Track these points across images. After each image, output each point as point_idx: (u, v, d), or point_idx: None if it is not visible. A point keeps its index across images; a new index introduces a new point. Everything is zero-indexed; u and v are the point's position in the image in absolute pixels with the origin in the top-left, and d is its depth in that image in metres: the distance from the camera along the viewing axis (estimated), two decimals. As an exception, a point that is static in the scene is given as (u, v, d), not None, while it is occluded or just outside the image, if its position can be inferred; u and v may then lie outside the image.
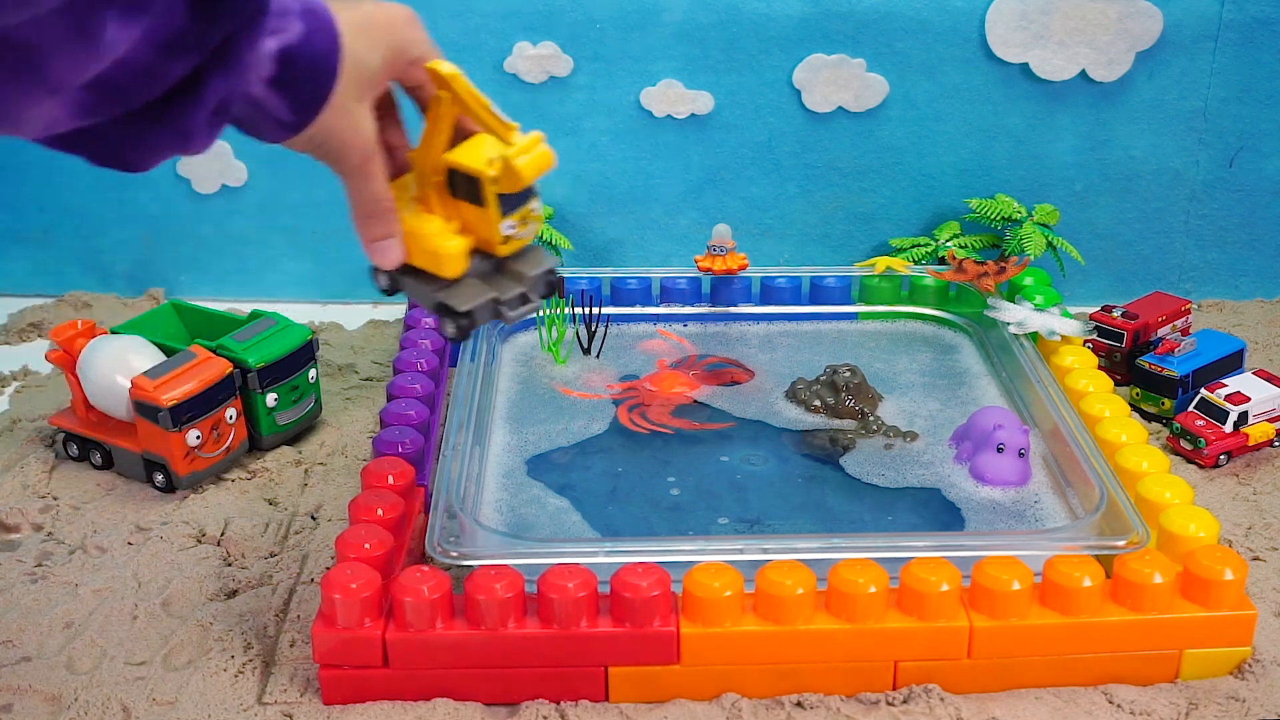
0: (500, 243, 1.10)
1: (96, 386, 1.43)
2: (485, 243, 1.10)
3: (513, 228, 1.10)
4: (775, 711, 1.13)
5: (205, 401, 1.40)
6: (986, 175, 1.82)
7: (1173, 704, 1.13)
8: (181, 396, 1.38)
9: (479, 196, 1.08)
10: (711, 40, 1.76)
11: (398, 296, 1.20)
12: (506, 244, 1.10)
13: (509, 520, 1.31)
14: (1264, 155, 1.80)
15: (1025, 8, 1.72)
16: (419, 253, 1.11)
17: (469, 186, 1.08)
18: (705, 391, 1.56)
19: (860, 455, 1.43)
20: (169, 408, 1.37)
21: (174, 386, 1.38)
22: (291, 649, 1.19)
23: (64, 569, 1.31)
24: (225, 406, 1.42)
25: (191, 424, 1.39)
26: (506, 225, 1.10)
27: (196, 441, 1.39)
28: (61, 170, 1.85)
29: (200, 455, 1.41)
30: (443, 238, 1.10)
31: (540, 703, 1.13)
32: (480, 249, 1.11)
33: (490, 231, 1.09)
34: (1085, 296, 1.84)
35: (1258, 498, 1.41)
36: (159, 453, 1.40)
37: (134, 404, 1.39)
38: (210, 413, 1.41)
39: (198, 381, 1.39)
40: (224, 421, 1.42)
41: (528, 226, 1.11)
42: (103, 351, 1.44)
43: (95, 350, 1.44)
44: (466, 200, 1.09)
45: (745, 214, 1.85)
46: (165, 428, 1.37)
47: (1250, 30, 1.73)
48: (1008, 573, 1.12)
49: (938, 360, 1.63)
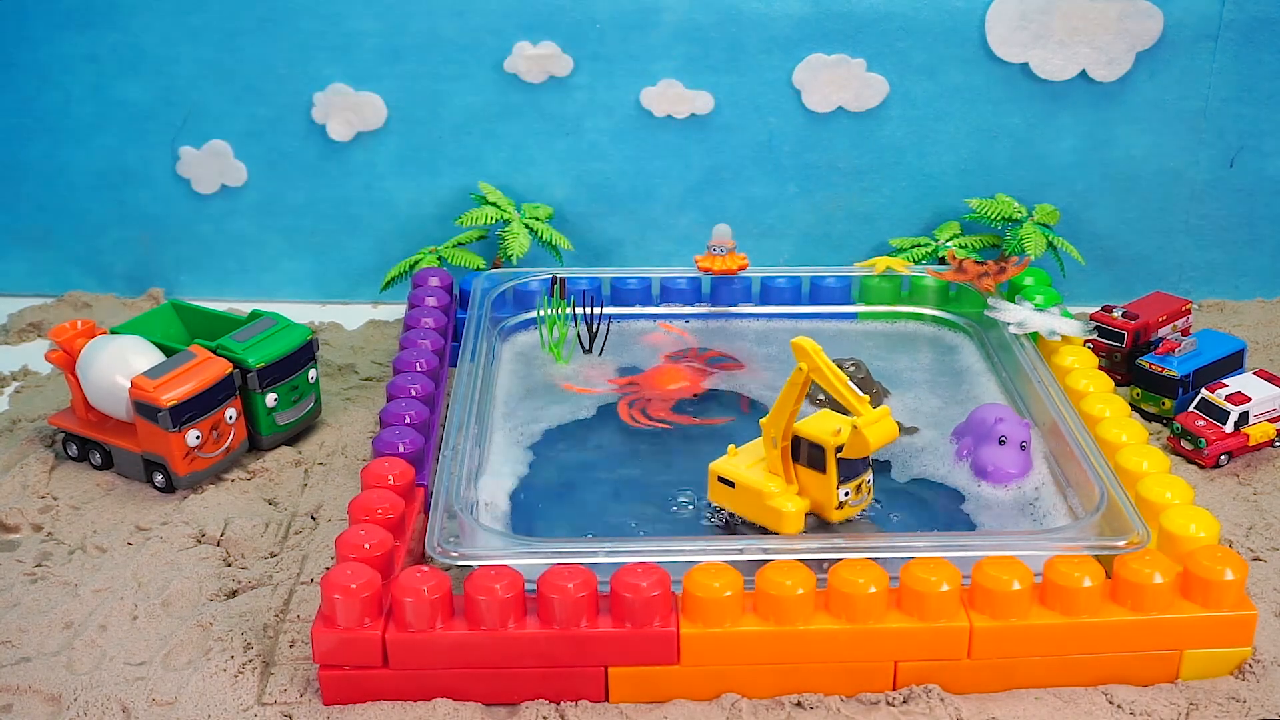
0: (835, 508, 1.26)
1: (96, 387, 1.43)
2: (820, 507, 1.27)
3: (848, 495, 1.26)
4: (775, 711, 1.13)
5: (205, 401, 1.40)
6: (986, 175, 1.82)
7: (1173, 704, 1.13)
8: (181, 397, 1.37)
9: (821, 463, 1.24)
10: (711, 40, 1.76)
11: (397, 295, 1.23)
12: (841, 510, 1.27)
13: (509, 520, 1.31)
14: (1264, 155, 1.80)
15: (1025, 8, 1.72)
16: (760, 510, 1.27)
17: (812, 453, 1.25)
18: (706, 386, 1.56)
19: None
20: (169, 408, 1.36)
21: (174, 386, 1.38)
22: (291, 649, 1.19)
23: (64, 569, 1.31)
24: (225, 406, 1.42)
25: (191, 424, 1.39)
26: (843, 492, 1.25)
27: (196, 442, 1.39)
28: (61, 170, 1.85)
29: (200, 455, 1.41)
30: (784, 499, 1.25)
31: (540, 703, 1.13)
32: (815, 513, 1.27)
33: (828, 497, 1.25)
34: (1085, 296, 1.84)
35: (1258, 498, 1.41)
36: (159, 453, 1.40)
37: (134, 404, 1.39)
38: (210, 413, 1.40)
39: (197, 381, 1.39)
40: (224, 422, 1.42)
41: (861, 495, 1.28)
42: (102, 351, 1.44)
43: (95, 350, 1.44)
44: (807, 467, 1.26)
45: (745, 214, 1.85)
46: (165, 428, 1.37)
47: (1250, 30, 1.73)
48: (1008, 573, 1.12)
49: (938, 360, 1.63)
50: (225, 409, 1.42)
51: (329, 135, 1.81)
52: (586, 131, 1.81)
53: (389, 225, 1.86)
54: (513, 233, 1.77)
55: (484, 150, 1.83)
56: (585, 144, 1.82)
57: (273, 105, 1.80)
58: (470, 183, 1.84)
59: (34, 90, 1.81)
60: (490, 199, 1.80)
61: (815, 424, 1.26)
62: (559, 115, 1.80)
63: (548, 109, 1.80)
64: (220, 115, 1.81)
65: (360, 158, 1.83)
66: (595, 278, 1.72)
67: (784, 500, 1.25)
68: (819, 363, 1.21)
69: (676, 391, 1.54)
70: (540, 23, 1.75)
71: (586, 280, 1.71)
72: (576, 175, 1.84)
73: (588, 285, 1.70)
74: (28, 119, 1.82)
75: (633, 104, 1.80)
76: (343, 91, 1.79)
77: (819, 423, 1.26)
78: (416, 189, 1.84)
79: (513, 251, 1.75)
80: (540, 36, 1.76)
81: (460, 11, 1.75)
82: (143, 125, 1.82)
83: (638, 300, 1.71)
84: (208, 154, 1.83)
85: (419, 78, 1.78)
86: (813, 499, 1.27)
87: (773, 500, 1.25)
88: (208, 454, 1.42)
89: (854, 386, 1.22)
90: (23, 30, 1.78)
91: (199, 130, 1.82)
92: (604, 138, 1.82)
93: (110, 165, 1.85)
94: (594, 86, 1.79)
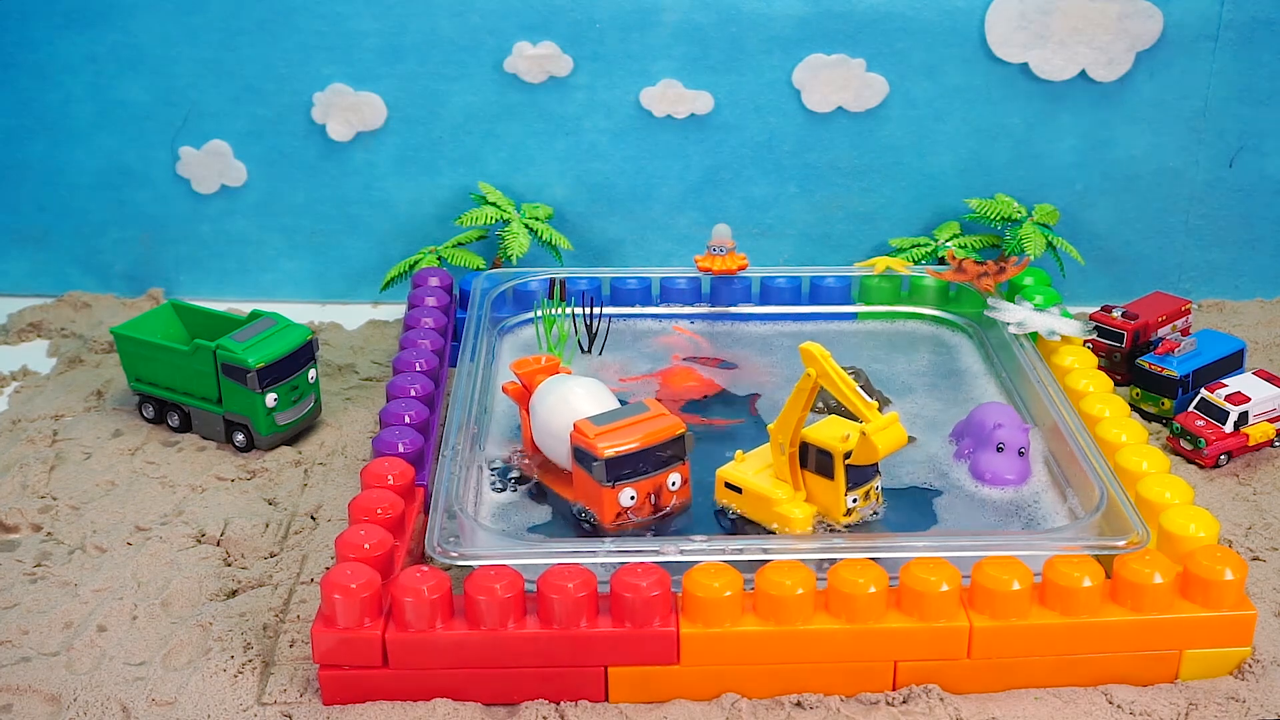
0: (843, 514, 1.26)
1: (548, 427, 1.32)
2: (827, 512, 1.26)
3: (855, 501, 1.26)
4: (775, 711, 1.13)
5: (644, 459, 1.23)
6: (986, 175, 1.82)
7: (1173, 704, 1.13)
8: (621, 451, 1.24)
9: (830, 470, 1.24)
10: (711, 40, 1.76)
11: (397, 295, 1.22)
12: (849, 516, 1.26)
13: (509, 520, 1.31)
14: (1264, 155, 1.80)
15: (1025, 8, 1.72)
16: (768, 515, 1.27)
17: (820, 460, 1.25)
18: (716, 387, 1.56)
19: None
20: (605, 459, 1.23)
21: (615, 438, 1.24)
22: (291, 649, 1.19)
23: (64, 569, 1.31)
24: (668, 471, 1.26)
25: (628, 481, 1.25)
26: (851, 499, 1.25)
27: (630, 502, 1.24)
28: (61, 170, 1.85)
29: (631, 518, 1.27)
30: (792, 505, 1.25)
31: (540, 703, 1.13)
32: (822, 519, 1.27)
33: (835, 503, 1.25)
34: (1085, 296, 1.84)
35: (1258, 498, 1.41)
36: (590, 506, 1.27)
37: (573, 449, 1.27)
38: (648, 474, 1.26)
39: (641, 438, 1.24)
40: (665, 487, 1.28)
41: (869, 502, 1.28)
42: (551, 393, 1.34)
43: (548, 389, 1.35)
44: (816, 473, 1.26)
45: (745, 214, 1.85)
46: (599, 480, 1.24)
47: (1250, 30, 1.73)
48: (1008, 573, 1.12)
49: (938, 360, 1.63)
50: (669, 474, 1.27)
51: (329, 135, 1.81)
52: (586, 131, 1.81)
53: (389, 225, 1.86)
54: (513, 233, 1.77)
55: (484, 150, 1.83)
56: (585, 144, 1.82)
57: (273, 105, 1.80)
58: (470, 183, 1.84)
59: (34, 90, 1.81)
60: (490, 199, 1.80)
61: (823, 430, 1.25)
62: (559, 115, 1.80)
63: (547, 109, 1.80)
64: (220, 115, 1.81)
65: (360, 158, 1.83)
66: (595, 278, 1.72)
67: (792, 507, 1.25)
68: (827, 368, 1.21)
69: (688, 391, 1.54)
70: (540, 23, 1.75)
71: (586, 280, 1.71)
72: (576, 175, 1.84)
73: (587, 285, 1.70)
74: (28, 119, 1.82)
75: (632, 104, 1.80)
76: (343, 91, 1.79)
77: (827, 429, 1.25)
78: (416, 189, 1.84)
79: (513, 251, 1.75)
80: (540, 36, 1.76)
81: (460, 11, 1.75)
82: (142, 125, 1.82)
83: (638, 300, 1.71)
84: (207, 154, 1.83)
85: (419, 78, 1.78)
86: (820, 505, 1.27)
87: (780, 506, 1.25)
88: (639, 517, 1.28)
89: (862, 392, 1.21)
90: (23, 30, 1.78)
91: (199, 130, 1.82)
92: (604, 138, 1.82)
93: (110, 165, 1.85)
94: (594, 86, 1.79)
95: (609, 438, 1.24)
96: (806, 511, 1.25)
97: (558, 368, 1.41)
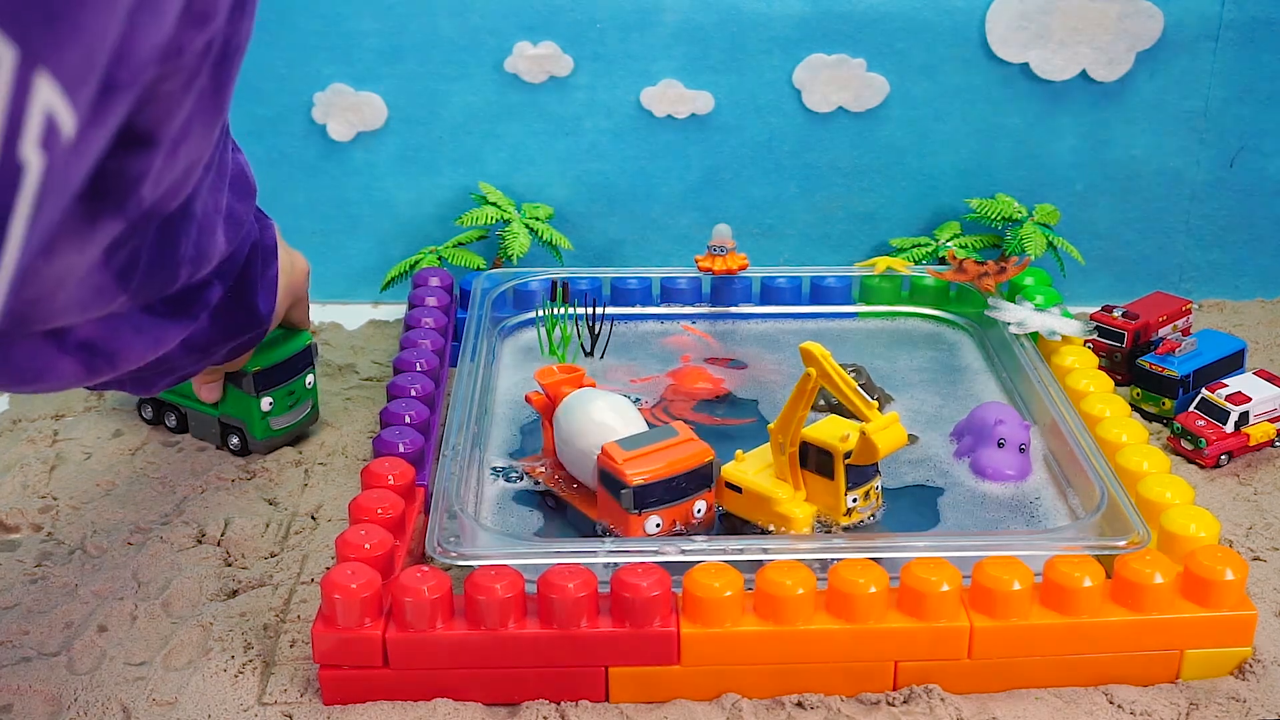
0: (843, 513, 1.25)
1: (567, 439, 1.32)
2: (828, 512, 1.26)
3: (855, 501, 1.25)
4: (775, 712, 1.13)
5: (672, 487, 1.22)
6: (986, 175, 1.82)
7: (1173, 704, 1.13)
8: (650, 477, 1.22)
9: (830, 469, 1.24)
10: (711, 40, 1.76)
11: (397, 295, 1.22)
12: (849, 515, 1.26)
13: (509, 520, 1.31)
14: (1264, 155, 1.80)
15: (1025, 8, 1.72)
16: (768, 515, 1.26)
17: (820, 459, 1.25)
18: (727, 387, 1.56)
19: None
20: (634, 487, 1.22)
21: (644, 463, 1.23)
22: (291, 649, 1.19)
23: (64, 569, 1.30)
24: (694, 498, 1.25)
25: (655, 509, 1.24)
26: (851, 498, 1.25)
27: (655, 529, 1.22)
28: (61, 170, 1.85)
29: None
30: (792, 504, 1.25)
31: (540, 703, 1.13)
32: (823, 519, 1.27)
33: (836, 502, 1.25)
34: (1085, 296, 1.84)
35: (1258, 498, 1.41)
36: (615, 527, 1.25)
37: (599, 472, 1.26)
38: (676, 501, 1.25)
39: (669, 463, 1.23)
40: (691, 514, 1.26)
41: (869, 502, 1.28)
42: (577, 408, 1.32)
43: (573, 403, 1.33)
44: (815, 473, 1.26)
45: (745, 214, 1.85)
46: (626, 507, 1.23)
47: (1250, 30, 1.73)
48: (1008, 573, 1.12)
49: (938, 360, 1.63)
50: (695, 501, 1.26)
51: (329, 135, 1.81)
52: (587, 131, 1.81)
53: (389, 225, 1.86)
54: (513, 233, 1.77)
55: (484, 150, 1.82)
56: (585, 144, 1.82)
57: (273, 105, 1.80)
58: (470, 183, 1.84)
59: (34, 90, 1.80)
60: (490, 199, 1.80)
61: (824, 430, 1.25)
62: (559, 115, 1.80)
63: (548, 109, 1.80)
64: (220, 115, 1.81)
65: (360, 158, 1.83)
66: (595, 278, 1.72)
67: (792, 506, 1.25)
68: (827, 368, 1.21)
69: (699, 391, 1.55)
70: (540, 23, 1.75)
71: (587, 280, 1.71)
72: (576, 175, 1.84)
73: (588, 285, 1.70)
74: (28, 119, 1.82)
75: (633, 104, 1.80)
76: (343, 91, 1.78)
77: (827, 428, 1.25)
78: (416, 189, 1.84)
79: (513, 251, 1.75)
80: (540, 36, 1.76)
81: (460, 11, 1.75)
82: (143, 125, 1.82)
83: (638, 300, 1.71)
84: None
85: (419, 78, 1.78)
86: (821, 505, 1.27)
87: (780, 506, 1.25)
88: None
89: (862, 392, 1.21)
90: (23, 30, 1.77)
91: (199, 130, 1.82)
92: (604, 138, 1.82)
93: (110, 165, 1.84)
94: (594, 86, 1.79)
95: (637, 464, 1.23)
96: (807, 511, 1.25)
97: (582, 379, 1.40)
